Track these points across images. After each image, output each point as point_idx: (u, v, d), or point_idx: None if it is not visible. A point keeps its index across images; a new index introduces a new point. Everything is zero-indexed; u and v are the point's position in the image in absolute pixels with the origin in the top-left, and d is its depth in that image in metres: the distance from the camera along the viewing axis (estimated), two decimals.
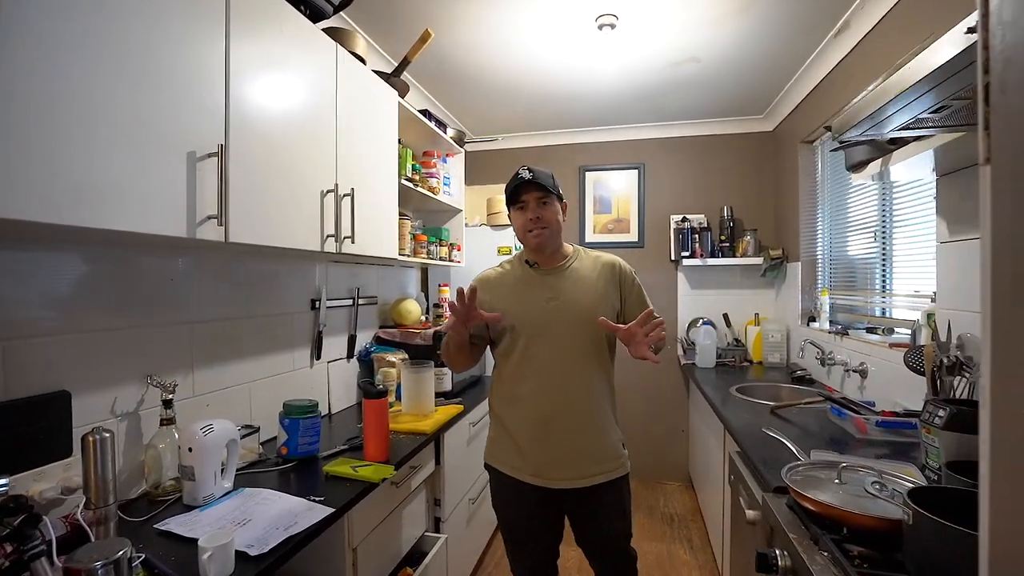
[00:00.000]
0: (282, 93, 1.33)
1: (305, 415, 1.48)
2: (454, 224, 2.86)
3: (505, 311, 1.44)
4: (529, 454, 1.44)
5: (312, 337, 1.99)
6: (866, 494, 1.10)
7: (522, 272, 1.52)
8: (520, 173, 1.43)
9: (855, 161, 1.60)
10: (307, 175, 1.42)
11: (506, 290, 1.50)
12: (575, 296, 1.46)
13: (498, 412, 1.52)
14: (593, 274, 1.50)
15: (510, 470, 1.48)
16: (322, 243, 1.49)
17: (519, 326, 1.44)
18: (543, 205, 1.43)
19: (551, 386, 1.43)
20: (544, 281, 1.48)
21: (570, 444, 1.43)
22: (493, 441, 1.55)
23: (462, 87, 2.79)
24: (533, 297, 1.46)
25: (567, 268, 1.51)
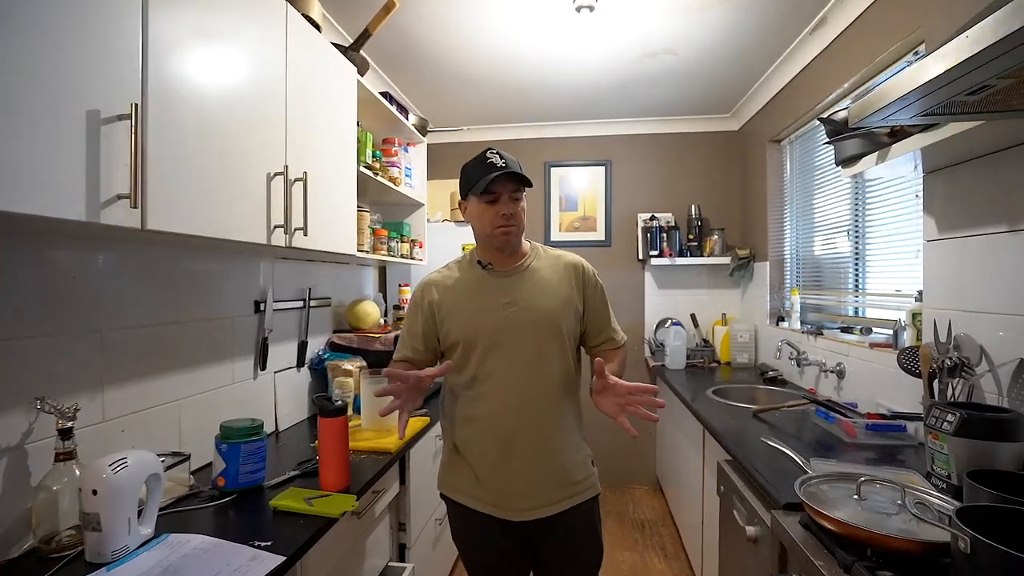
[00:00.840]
0: (220, 50, 1.10)
1: (247, 438, 1.25)
2: (416, 219, 2.66)
3: (456, 321, 1.27)
4: (488, 483, 1.26)
5: (256, 344, 1.74)
6: (889, 511, 1.01)
7: (474, 275, 1.32)
8: (490, 159, 1.22)
9: (847, 155, 1.53)
10: (251, 153, 1.20)
11: (457, 297, 1.30)
12: (536, 301, 1.28)
13: (452, 432, 1.33)
14: (555, 276, 1.33)
15: (467, 500, 1.29)
16: (269, 235, 1.26)
17: (473, 338, 1.25)
18: (515, 201, 1.25)
19: (512, 406, 1.24)
20: (500, 285, 1.29)
21: (534, 470, 1.25)
22: (446, 467, 1.36)
23: (425, 72, 2.59)
24: (488, 304, 1.27)
25: (525, 269, 1.32)
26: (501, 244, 1.27)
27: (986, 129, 1.09)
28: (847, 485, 1.13)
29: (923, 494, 1.05)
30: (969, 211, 1.40)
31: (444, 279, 1.34)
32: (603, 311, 1.40)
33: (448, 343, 1.29)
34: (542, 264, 1.34)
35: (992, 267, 1.34)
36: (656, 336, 3.36)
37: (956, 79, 0.81)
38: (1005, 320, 1.30)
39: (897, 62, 1.81)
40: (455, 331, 1.27)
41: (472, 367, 1.26)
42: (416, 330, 1.33)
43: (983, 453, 1.13)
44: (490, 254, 1.32)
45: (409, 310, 1.36)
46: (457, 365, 1.27)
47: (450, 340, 1.28)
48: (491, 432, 1.25)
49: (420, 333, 1.32)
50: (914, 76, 0.87)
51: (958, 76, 0.81)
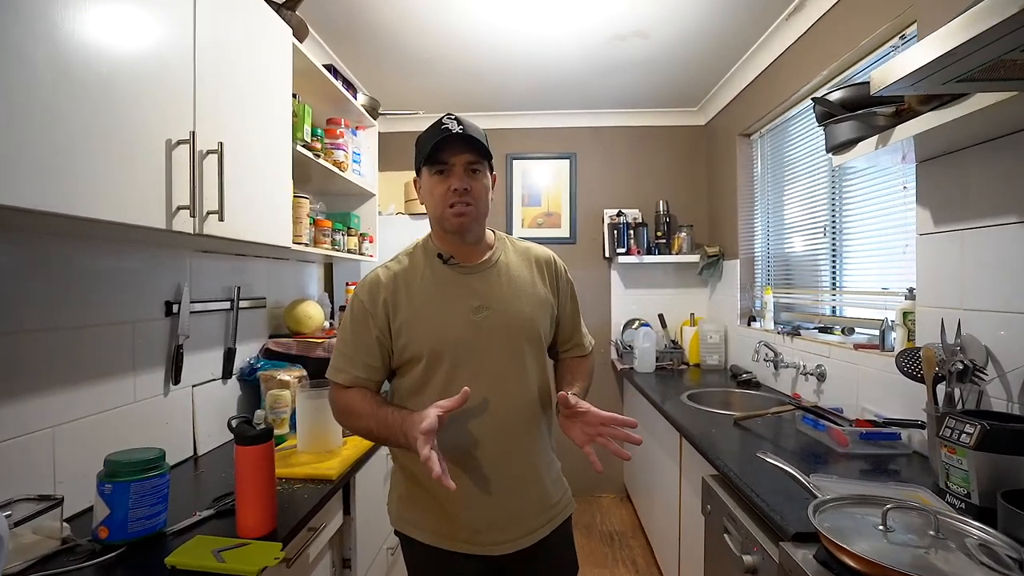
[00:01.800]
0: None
1: (141, 475, 0.98)
2: (365, 211, 2.40)
3: (417, 331, 1.03)
4: (460, 516, 1.06)
5: (168, 353, 1.45)
6: (922, 544, 0.87)
7: (433, 271, 1.08)
8: (444, 123, 1.02)
9: (839, 141, 1.41)
10: (143, 112, 0.93)
11: (414, 300, 1.05)
12: (510, 304, 1.08)
13: (408, 464, 1.10)
14: (527, 272, 1.15)
15: (433, 538, 1.07)
16: (169, 218, 0.99)
17: (439, 351, 1.03)
18: (473, 173, 1.04)
19: (489, 431, 1.04)
20: (466, 284, 1.07)
21: (515, 499, 1.07)
22: (403, 501, 1.12)
23: (375, 48, 2.33)
24: (455, 308, 1.05)
25: (494, 264, 1.11)
26: (454, 227, 1.05)
27: (1004, 107, 0.98)
28: (866, 511, 0.98)
29: (957, 522, 0.91)
30: (971, 201, 1.30)
31: (395, 277, 1.07)
32: (575, 314, 1.25)
33: (405, 358, 1.05)
34: (511, 259, 1.15)
35: (997, 261, 1.24)
36: (623, 337, 3.22)
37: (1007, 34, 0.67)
38: (1011, 319, 1.20)
39: (882, 46, 1.72)
40: (416, 344, 1.03)
41: (436, 387, 1.03)
42: (367, 341, 1.04)
43: (1007, 469, 1.01)
44: (449, 243, 1.09)
45: (352, 317, 1.06)
46: (415, 384, 1.05)
47: (408, 354, 1.04)
48: (464, 462, 1.04)
49: (374, 345, 1.04)
50: (964, 28, 0.72)
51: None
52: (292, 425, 1.65)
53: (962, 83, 0.87)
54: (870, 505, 1.00)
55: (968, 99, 1.01)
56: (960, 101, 1.03)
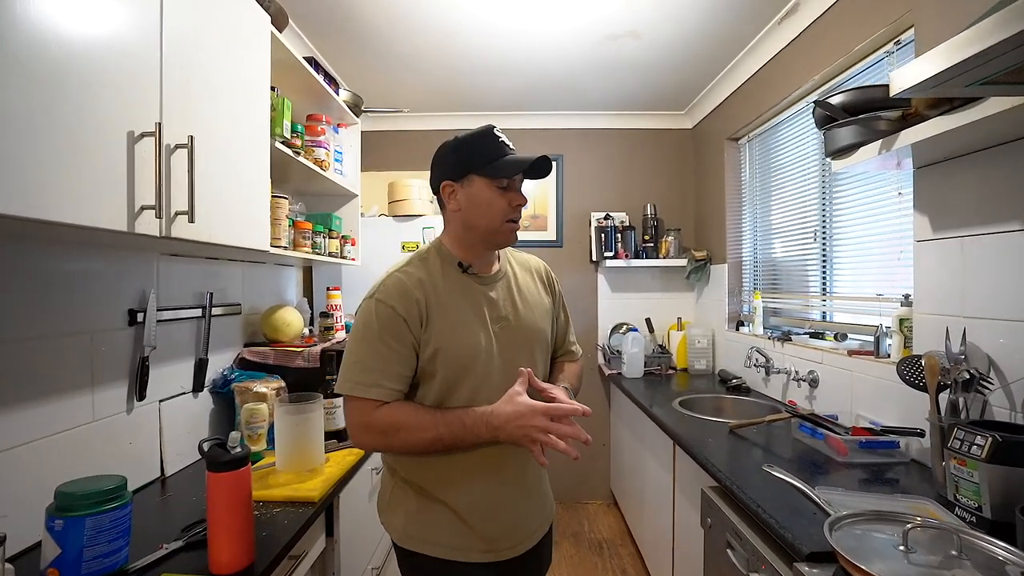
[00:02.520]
0: None
1: (98, 507, 0.88)
2: (348, 212, 2.29)
3: (449, 339, 0.99)
4: (479, 526, 1.05)
5: (132, 366, 1.33)
6: (947, 566, 0.83)
7: (457, 279, 1.06)
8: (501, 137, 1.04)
9: (839, 146, 1.38)
10: (100, 100, 0.83)
11: (445, 306, 1.02)
12: (524, 315, 1.11)
13: (418, 479, 1.06)
14: (532, 283, 1.18)
15: (447, 552, 1.04)
16: (131, 219, 0.89)
17: (467, 359, 1.00)
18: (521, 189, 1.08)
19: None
20: (485, 294, 1.07)
21: (527, 502, 1.11)
22: (412, 517, 1.05)
23: (358, 43, 2.24)
24: (478, 318, 1.04)
25: (504, 276, 1.13)
26: (506, 241, 1.08)
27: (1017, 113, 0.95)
28: (883, 528, 0.95)
29: (978, 540, 0.87)
30: (970, 208, 1.29)
31: (421, 283, 1.02)
32: (566, 322, 1.29)
33: (431, 368, 1.00)
34: (516, 270, 1.17)
35: (999, 268, 1.22)
36: (610, 342, 3.18)
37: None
38: (1013, 327, 1.18)
39: (875, 52, 1.71)
40: (446, 352, 0.99)
41: (462, 396, 1.01)
42: (402, 350, 0.98)
43: (1019, 482, 0.99)
44: (473, 253, 1.08)
45: (382, 325, 0.98)
46: (440, 394, 1.01)
47: (435, 364, 0.99)
48: (487, 467, 1.05)
49: (409, 353, 0.99)
50: (1001, 26, 0.68)
51: None
52: (270, 441, 1.55)
53: (985, 86, 0.83)
54: (887, 522, 0.96)
55: (980, 104, 0.99)
56: (972, 106, 1.00)
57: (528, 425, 0.93)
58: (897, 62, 1.62)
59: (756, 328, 2.43)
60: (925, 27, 1.43)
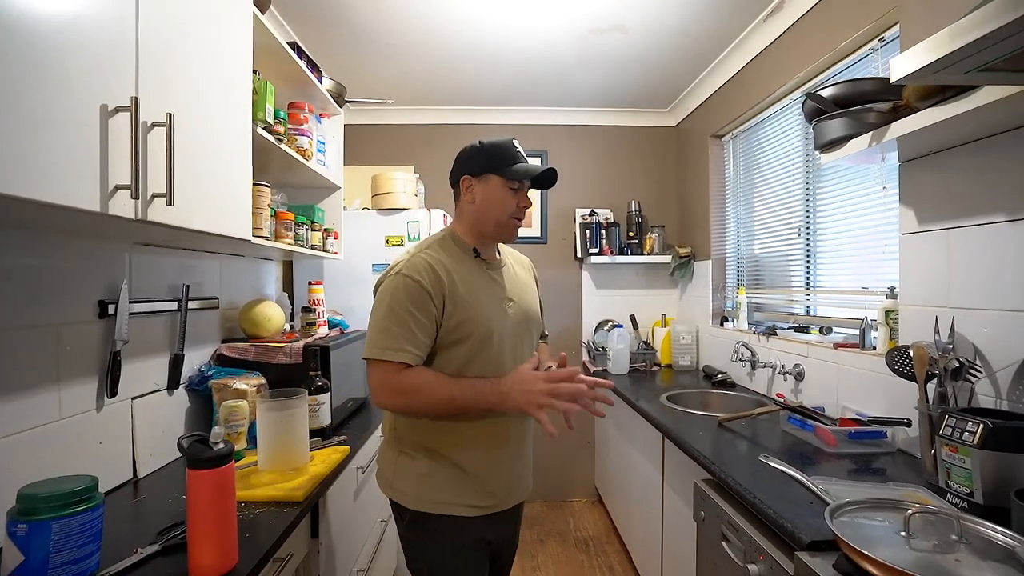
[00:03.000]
0: None
1: (66, 510, 0.81)
2: (330, 205, 2.23)
3: (473, 312, 1.16)
4: (487, 481, 1.21)
5: (102, 362, 1.25)
6: (948, 551, 0.83)
7: (473, 262, 1.24)
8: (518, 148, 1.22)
9: (829, 139, 1.40)
10: (69, 70, 0.77)
11: (466, 283, 1.18)
12: (523, 297, 1.31)
13: (432, 443, 1.19)
14: (524, 273, 1.39)
15: (459, 509, 1.18)
16: (104, 199, 0.83)
17: (490, 331, 1.17)
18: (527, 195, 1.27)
19: None
20: (494, 278, 1.27)
21: (523, 458, 1.30)
22: (424, 480, 1.18)
23: (340, 31, 2.18)
24: (494, 296, 1.23)
25: (505, 264, 1.33)
26: (510, 236, 1.26)
27: (1010, 103, 0.97)
28: (882, 515, 0.95)
29: (977, 526, 0.88)
30: (956, 200, 1.31)
31: (442, 262, 1.17)
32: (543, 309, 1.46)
33: (454, 337, 1.14)
34: (512, 262, 1.37)
35: (984, 259, 1.24)
36: (595, 339, 3.17)
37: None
38: (997, 316, 1.21)
39: (860, 49, 1.74)
40: (469, 324, 1.14)
41: (479, 365, 1.16)
42: (426, 320, 1.12)
43: (1010, 467, 1.00)
44: (481, 243, 1.26)
45: (409, 297, 1.10)
46: (462, 361, 1.16)
47: (459, 333, 1.14)
48: (499, 428, 1.21)
49: (432, 324, 1.13)
50: (1009, 8, 0.68)
51: None
52: (250, 439, 1.48)
53: (983, 73, 0.84)
54: (886, 509, 0.96)
55: (973, 95, 1.00)
56: (964, 96, 1.02)
57: (533, 390, 1.06)
58: (881, 59, 1.65)
59: (741, 324, 2.45)
60: (910, 24, 1.44)
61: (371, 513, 1.79)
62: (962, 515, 0.89)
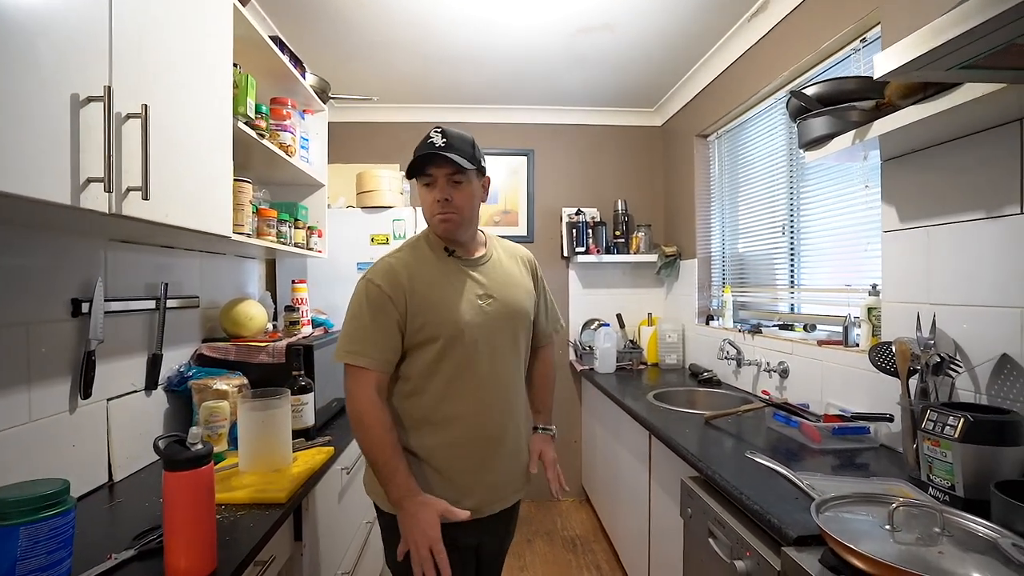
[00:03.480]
0: None
1: (35, 515, 0.78)
2: (314, 203, 2.20)
3: (437, 313, 1.14)
4: (467, 486, 1.17)
5: (76, 362, 1.21)
6: (931, 544, 0.83)
7: (443, 261, 1.21)
8: (431, 137, 1.13)
9: (812, 137, 1.41)
10: (36, 56, 0.74)
11: (430, 285, 1.16)
12: (508, 293, 1.24)
13: (413, 443, 1.17)
14: (516, 268, 1.32)
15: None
16: (76, 192, 0.80)
17: (457, 331, 1.14)
18: (456, 185, 1.15)
19: (497, 403, 1.20)
20: (470, 275, 1.22)
21: (514, 460, 1.25)
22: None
23: (323, 27, 2.15)
24: (466, 295, 1.18)
25: (489, 259, 1.27)
26: (441, 232, 1.19)
27: (990, 100, 0.98)
28: (867, 509, 0.95)
29: (959, 519, 0.89)
30: (936, 198, 1.33)
31: (407, 264, 1.17)
32: (548, 307, 1.41)
33: (420, 338, 1.13)
34: (502, 255, 1.31)
35: (964, 257, 1.26)
36: (582, 338, 3.18)
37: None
38: (976, 312, 1.23)
39: (842, 49, 1.76)
40: (433, 325, 1.13)
41: (450, 367, 1.14)
42: (390, 328, 1.12)
43: (990, 460, 1.01)
44: (453, 242, 1.23)
45: (369, 302, 1.13)
46: (429, 364, 1.14)
47: (423, 335, 1.13)
48: (476, 431, 1.17)
49: (394, 328, 1.12)
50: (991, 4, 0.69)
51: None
52: (231, 441, 1.45)
53: (963, 70, 0.85)
54: (870, 503, 0.97)
55: (953, 92, 1.01)
56: (945, 94, 1.03)
57: (416, 538, 1.03)
58: (864, 59, 1.67)
59: (726, 322, 2.47)
60: (891, 24, 1.46)
61: (356, 515, 1.76)
62: (944, 508, 0.90)
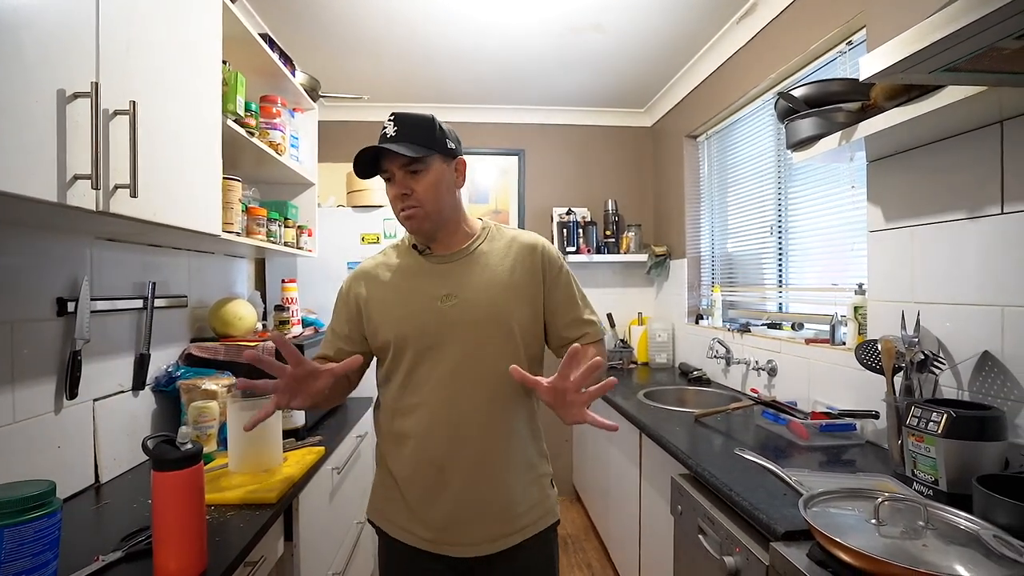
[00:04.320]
0: None
1: (19, 517, 0.77)
2: (304, 202, 2.18)
3: (384, 318, 1.08)
4: (420, 512, 1.05)
5: (61, 362, 1.20)
6: (916, 537, 0.85)
7: (408, 262, 1.13)
8: (384, 128, 1.03)
9: (800, 138, 1.43)
10: (20, 50, 0.73)
11: (387, 288, 1.11)
12: (479, 293, 1.07)
13: (383, 450, 1.14)
14: (506, 260, 1.11)
15: (400, 533, 1.08)
16: (62, 189, 0.79)
17: (403, 338, 1.05)
18: (413, 175, 1.03)
19: (443, 421, 1.03)
20: (437, 273, 1.09)
21: (474, 498, 1.04)
22: (376, 490, 1.15)
23: (313, 24, 2.13)
24: (421, 296, 1.07)
25: (471, 252, 1.11)
26: (409, 229, 1.09)
27: (972, 103, 1.00)
28: (853, 504, 0.97)
29: (943, 512, 0.91)
30: (921, 199, 1.35)
31: (376, 267, 1.15)
32: (568, 302, 1.15)
33: (377, 344, 1.10)
34: (493, 247, 1.12)
35: (945, 256, 1.29)
36: None
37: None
38: (958, 310, 1.25)
39: (829, 51, 1.78)
40: (383, 330, 1.08)
41: (401, 374, 1.06)
42: (341, 328, 1.15)
43: (972, 455, 1.04)
44: (421, 237, 1.12)
45: (336, 304, 1.18)
46: (386, 373, 1.11)
47: (379, 340, 1.09)
48: (421, 454, 1.04)
49: (345, 333, 1.14)
50: (975, 8, 0.70)
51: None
52: (221, 441, 1.44)
53: (946, 73, 0.87)
54: (856, 498, 0.99)
55: (937, 95, 1.04)
56: (929, 96, 1.05)
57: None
58: (850, 61, 1.70)
59: (716, 321, 2.49)
60: (876, 27, 1.49)
61: (348, 515, 1.76)
62: (928, 502, 0.92)
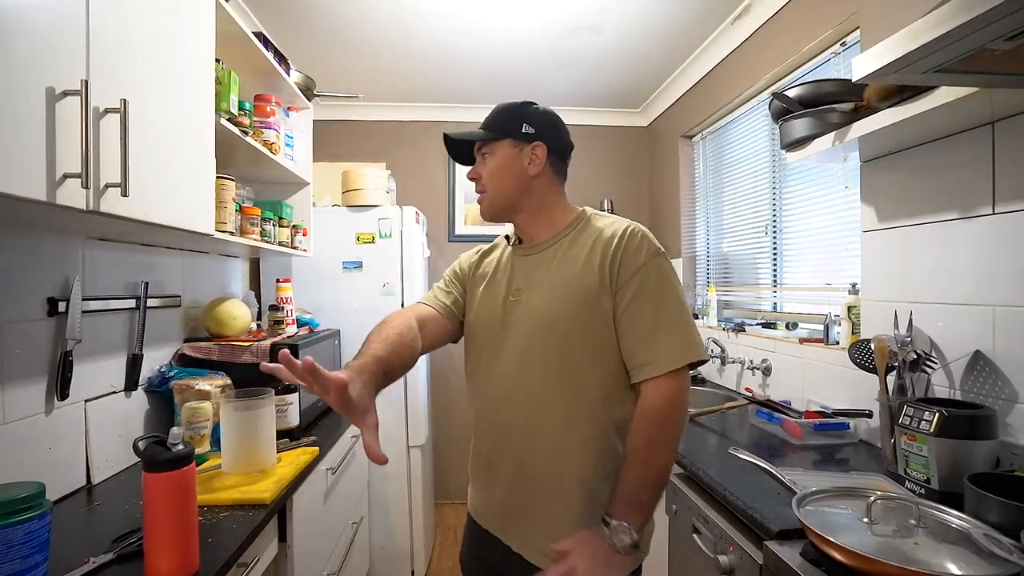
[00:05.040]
0: None
1: (8, 519, 0.76)
2: (299, 201, 2.17)
3: (472, 297, 1.10)
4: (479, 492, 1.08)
5: (52, 362, 1.19)
6: (908, 536, 0.86)
7: (502, 252, 1.12)
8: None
9: (794, 138, 1.43)
10: (12, 48, 0.72)
11: (485, 271, 1.12)
12: (543, 289, 0.97)
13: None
14: (581, 255, 0.96)
15: (471, 506, 1.11)
16: (52, 188, 0.79)
17: (474, 322, 1.07)
18: (482, 159, 1.04)
19: (490, 423, 1.03)
20: (519, 265, 1.05)
21: (516, 510, 0.98)
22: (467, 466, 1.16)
23: (308, 23, 2.13)
24: (499, 287, 1.06)
25: (551, 245, 1.00)
26: (482, 215, 1.08)
27: (963, 104, 1.01)
28: (846, 503, 0.97)
29: (935, 511, 0.91)
30: (914, 199, 1.36)
31: (492, 249, 1.15)
32: (635, 316, 0.91)
33: (466, 320, 1.11)
34: (578, 239, 0.99)
35: (939, 256, 1.29)
36: None
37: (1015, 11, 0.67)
38: (950, 310, 1.26)
39: (823, 52, 1.79)
40: (469, 310, 1.10)
41: (470, 363, 1.09)
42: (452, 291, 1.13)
43: (963, 454, 1.04)
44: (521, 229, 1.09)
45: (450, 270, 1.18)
46: (465, 351, 1.11)
47: (467, 318, 1.11)
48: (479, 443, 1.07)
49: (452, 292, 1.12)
50: (965, 9, 0.71)
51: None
52: (214, 442, 1.43)
53: (939, 74, 0.87)
54: (849, 497, 0.99)
55: (929, 95, 1.04)
56: (921, 97, 1.05)
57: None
58: (843, 62, 1.70)
59: (711, 320, 2.50)
60: (870, 28, 1.49)
61: (342, 515, 1.75)
62: (920, 501, 0.93)
